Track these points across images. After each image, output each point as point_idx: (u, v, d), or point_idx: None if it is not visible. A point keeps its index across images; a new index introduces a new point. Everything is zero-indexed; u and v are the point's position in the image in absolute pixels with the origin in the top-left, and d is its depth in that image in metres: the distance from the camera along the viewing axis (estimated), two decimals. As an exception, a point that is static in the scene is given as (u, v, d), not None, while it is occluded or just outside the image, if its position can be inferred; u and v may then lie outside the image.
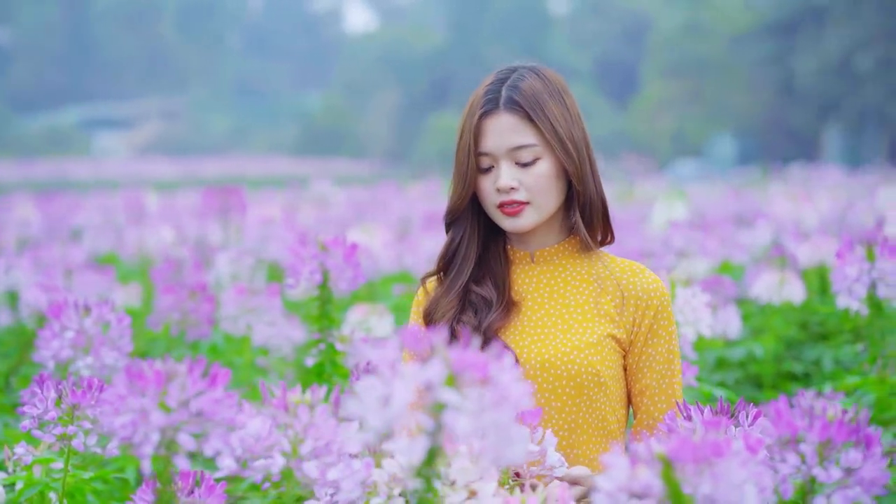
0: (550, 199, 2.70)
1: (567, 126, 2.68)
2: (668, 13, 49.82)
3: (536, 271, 2.78)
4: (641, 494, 1.77)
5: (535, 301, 2.75)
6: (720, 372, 5.38)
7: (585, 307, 2.71)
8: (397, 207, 12.56)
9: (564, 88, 2.74)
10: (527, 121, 2.67)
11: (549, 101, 2.68)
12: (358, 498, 2.17)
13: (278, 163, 45.20)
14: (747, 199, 11.95)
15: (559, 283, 2.75)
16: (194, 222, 9.07)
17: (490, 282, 2.75)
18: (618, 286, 2.72)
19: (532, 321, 2.72)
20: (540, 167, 2.67)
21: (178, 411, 1.89)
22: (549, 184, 2.68)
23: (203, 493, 2.26)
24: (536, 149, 2.67)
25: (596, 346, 2.66)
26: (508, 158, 2.68)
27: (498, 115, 2.68)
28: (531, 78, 2.71)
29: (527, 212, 2.69)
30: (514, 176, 2.67)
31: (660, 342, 2.71)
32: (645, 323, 2.70)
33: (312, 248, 3.57)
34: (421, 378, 1.70)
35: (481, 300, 2.72)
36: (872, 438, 1.93)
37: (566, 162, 2.67)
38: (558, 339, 2.68)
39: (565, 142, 2.67)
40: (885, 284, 3.80)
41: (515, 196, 2.68)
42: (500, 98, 2.69)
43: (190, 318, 4.81)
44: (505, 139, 2.67)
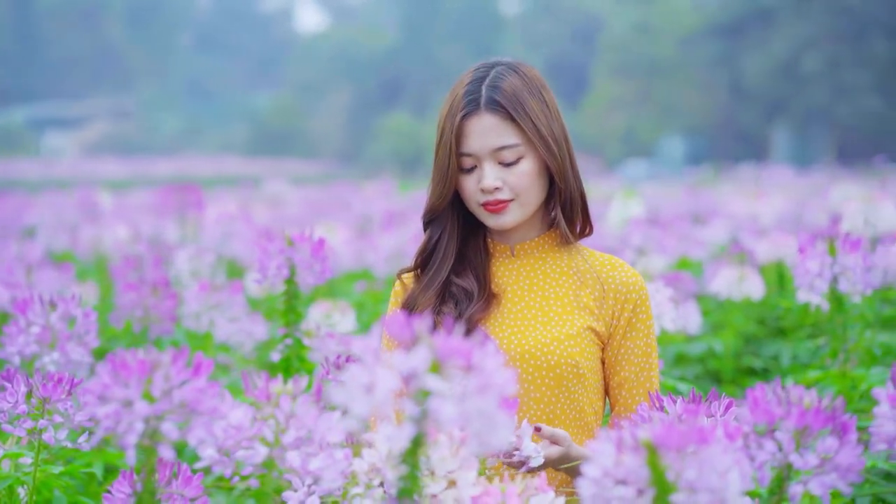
0: (534, 196, 2.72)
1: (548, 123, 2.70)
2: (618, 14, 50.06)
3: (516, 264, 2.79)
4: (626, 480, 1.79)
5: (515, 293, 2.76)
6: (680, 367, 5.42)
7: (565, 300, 2.73)
8: (356, 206, 12.57)
9: (543, 84, 2.75)
10: (509, 121, 2.67)
11: (530, 98, 2.69)
12: (337, 488, 2.18)
13: (229, 163, 45.01)
14: (702, 197, 12.06)
15: (539, 275, 2.77)
16: (149, 220, 9.03)
17: (471, 274, 2.77)
18: (597, 279, 2.74)
19: (512, 313, 2.74)
20: (523, 166, 2.68)
21: (162, 401, 1.89)
22: (533, 181, 2.70)
23: (180, 483, 2.26)
24: (519, 148, 2.67)
25: (575, 337, 2.68)
26: (492, 159, 2.68)
27: (479, 115, 2.68)
28: (510, 76, 2.71)
29: (511, 209, 2.71)
30: (498, 176, 2.68)
31: (638, 336, 2.74)
32: (624, 316, 2.72)
33: (279, 244, 3.56)
34: (406, 365, 1.70)
35: (462, 292, 2.74)
36: (848, 426, 1.95)
37: (549, 159, 2.68)
38: (538, 331, 2.70)
39: (547, 139, 2.68)
40: (846, 279, 3.85)
41: (499, 195, 2.69)
42: (480, 98, 2.68)
43: (152, 315, 4.79)
44: (488, 140, 2.67)
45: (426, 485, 2.03)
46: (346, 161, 49.75)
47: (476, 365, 1.72)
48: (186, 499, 2.26)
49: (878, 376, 3.85)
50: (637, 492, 1.79)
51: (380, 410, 1.71)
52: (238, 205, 12.20)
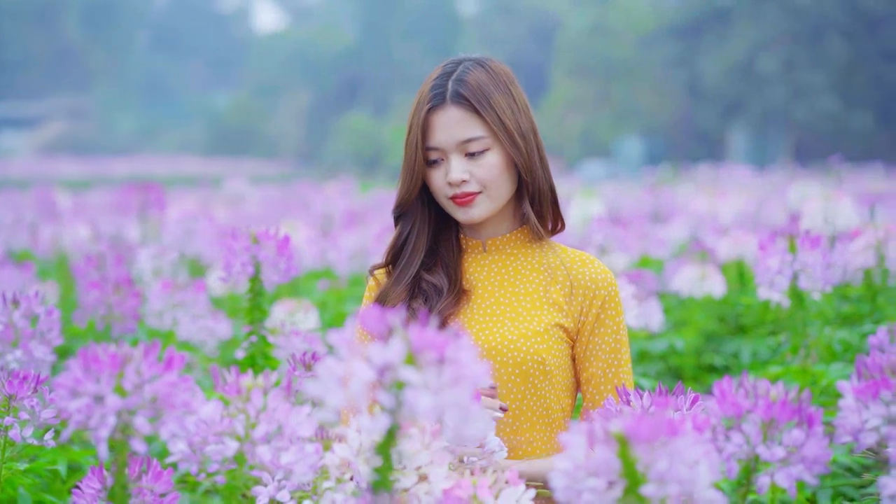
0: (502, 189, 2.73)
1: (514, 117, 2.71)
2: (574, 14, 50.21)
3: (488, 260, 2.81)
4: (598, 472, 1.81)
5: (485, 289, 2.78)
6: (642, 364, 5.45)
7: (534, 295, 2.75)
8: (317, 205, 12.55)
9: (511, 79, 2.77)
10: (474, 113, 2.69)
11: (496, 92, 2.71)
12: (307, 483, 2.19)
13: (188, 162, 44.82)
14: (661, 196, 12.12)
15: (510, 271, 2.79)
16: (109, 219, 8.99)
17: (441, 270, 2.78)
18: (567, 276, 2.76)
19: (481, 309, 2.75)
20: (490, 158, 2.70)
21: (134, 395, 1.89)
22: (500, 174, 2.71)
23: (150, 478, 2.26)
24: (485, 140, 2.69)
25: (542, 334, 2.70)
26: (458, 151, 2.70)
27: (445, 109, 2.70)
28: (477, 70, 2.73)
29: (479, 201, 2.72)
30: (465, 168, 2.70)
31: (606, 332, 2.75)
32: (592, 312, 2.74)
33: (245, 241, 3.56)
34: (381, 357, 1.72)
35: (432, 287, 2.75)
36: (814, 417, 1.98)
37: (514, 153, 2.70)
38: (505, 327, 2.71)
39: (512, 133, 2.70)
40: (806, 276, 3.89)
41: (467, 188, 2.71)
42: (446, 92, 2.71)
43: (115, 314, 4.77)
44: (453, 133, 2.70)
45: (397, 479, 2.04)
46: (305, 161, 49.64)
47: (450, 357, 1.74)
48: (156, 494, 2.26)
49: (838, 372, 3.89)
50: (608, 484, 1.80)
51: (354, 402, 1.72)
52: (198, 204, 12.16)
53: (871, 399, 2.02)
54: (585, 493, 1.82)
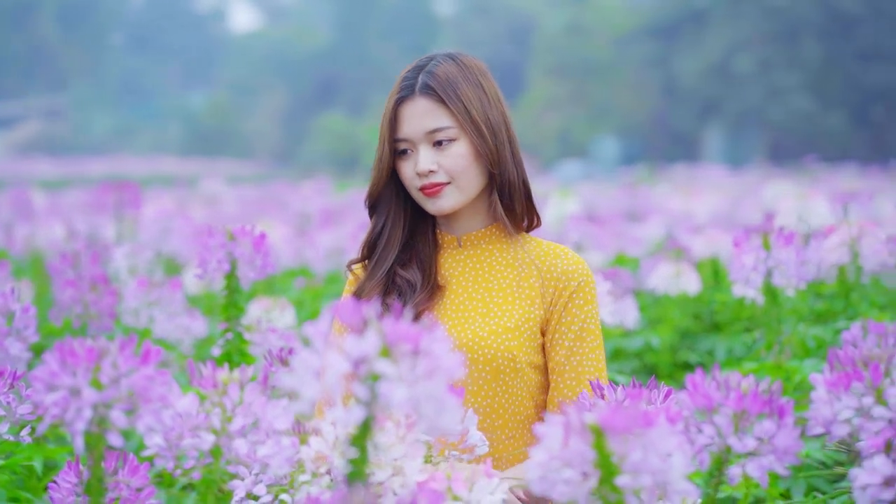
0: (471, 180, 2.75)
1: (482, 109, 2.73)
2: (550, 15, 50.28)
3: (463, 255, 2.82)
4: (572, 463, 1.82)
5: (459, 285, 2.79)
6: (618, 362, 5.47)
7: (507, 291, 2.75)
8: (294, 204, 12.56)
9: (483, 73, 2.79)
10: (441, 104, 2.72)
11: (464, 84, 2.73)
12: (284, 476, 2.20)
13: (164, 162, 44.68)
14: (637, 195, 12.17)
15: (484, 267, 2.80)
16: (85, 219, 8.96)
17: (416, 265, 2.79)
18: (540, 269, 2.76)
19: (455, 304, 2.76)
20: (457, 148, 2.72)
21: (110, 388, 1.89)
22: (468, 164, 2.73)
23: (126, 473, 2.26)
24: (452, 131, 2.72)
25: (513, 330, 2.70)
26: (426, 142, 2.73)
27: (414, 100, 2.74)
28: (447, 63, 2.76)
29: (447, 192, 2.74)
30: (433, 159, 2.72)
31: (572, 320, 2.74)
32: (561, 301, 2.74)
33: (220, 238, 3.56)
34: (356, 350, 1.73)
35: (406, 283, 2.77)
36: (785, 409, 2.00)
37: (480, 144, 2.72)
38: (477, 324, 2.72)
39: (479, 123, 2.71)
40: (780, 273, 3.92)
41: (434, 178, 2.73)
42: (416, 84, 2.74)
43: (91, 312, 4.76)
44: (421, 123, 2.73)
45: (373, 472, 2.05)
46: (282, 161, 49.57)
47: (425, 349, 1.75)
48: (133, 488, 2.27)
49: (811, 367, 3.92)
50: (583, 474, 1.82)
51: (329, 394, 1.73)
52: (174, 204, 12.13)
53: (843, 391, 2.05)
54: (560, 483, 1.83)
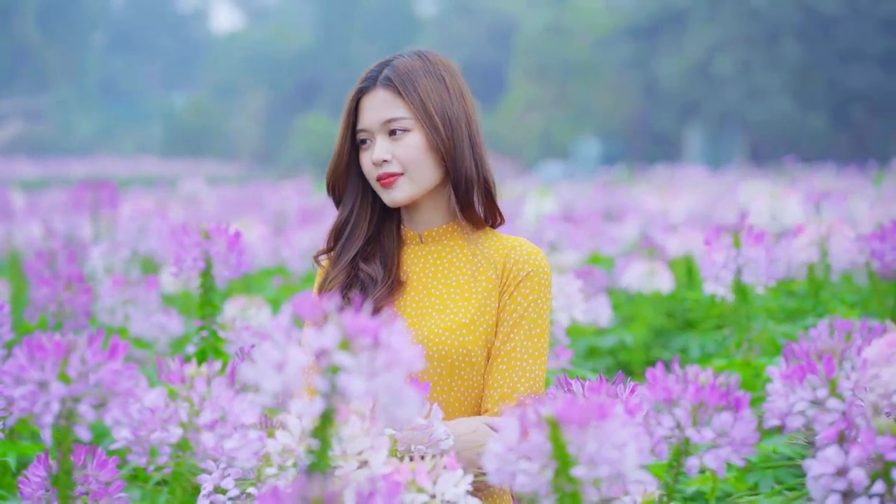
0: (423, 172, 2.77)
1: (440, 102, 2.77)
2: (531, 16, 50.34)
3: (424, 251, 2.85)
4: (529, 455, 1.86)
5: (419, 281, 2.82)
6: (591, 360, 5.52)
7: (464, 286, 2.78)
8: (272, 203, 12.58)
9: (449, 70, 2.83)
10: (397, 95, 2.76)
11: (424, 77, 2.77)
12: (251, 469, 2.23)
13: (145, 163, 44.60)
14: (615, 195, 12.22)
15: (444, 263, 2.83)
16: (63, 219, 8.97)
17: (379, 260, 2.83)
18: (496, 262, 2.78)
19: (413, 301, 2.79)
20: (410, 139, 2.75)
21: (78, 382, 1.92)
22: (421, 156, 2.76)
23: (95, 467, 2.29)
24: (406, 121, 2.75)
25: (468, 325, 2.72)
26: (382, 132, 2.77)
27: (374, 91, 2.78)
28: (412, 58, 2.81)
29: (401, 183, 2.77)
30: (387, 149, 2.76)
31: (514, 307, 2.74)
32: (508, 290, 2.75)
33: (195, 237, 3.59)
34: (316, 343, 1.76)
35: (368, 278, 2.80)
36: (742, 402, 2.04)
37: (434, 136, 2.75)
38: (432, 320, 2.75)
39: (433, 116, 2.75)
40: (749, 271, 3.97)
41: (388, 168, 2.76)
42: (378, 77, 2.79)
43: (66, 310, 4.77)
44: (377, 113, 2.77)
45: (338, 465, 2.08)
46: (264, 161, 49.52)
47: (384, 342, 1.79)
48: (101, 482, 2.30)
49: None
50: (539, 466, 1.86)
51: (290, 387, 1.77)
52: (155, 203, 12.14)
53: (798, 383, 2.09)
54: (520, 475, 1.87)
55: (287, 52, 58.12)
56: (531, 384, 2.70)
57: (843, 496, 1.91)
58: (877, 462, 1.89)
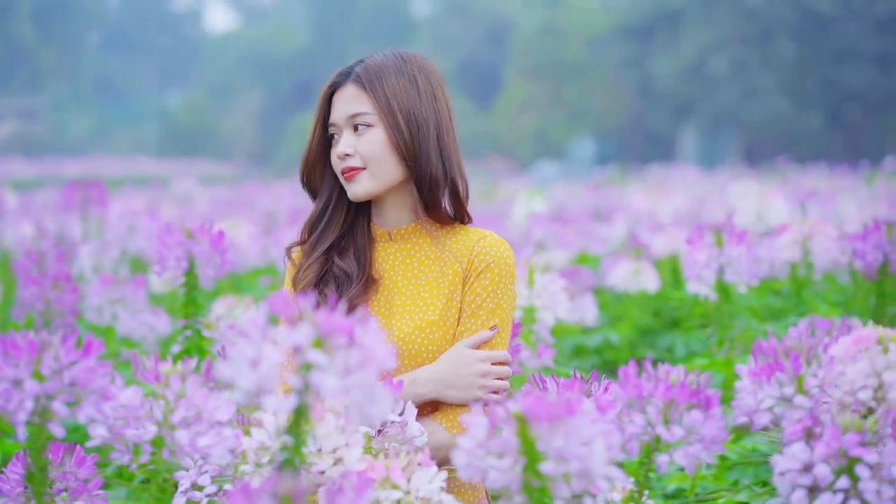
0: (384, 168, 2.79)
1: (407, 101, 2.79)
2: (526, 15, 50.35)
3: (394, 249, 2.87)
4: (498, 451, 1.88)
5: (390, 279, 2.84)
6: (577, 358, 5.54)
7: (432, 284, 2.80)
8: (263, 203, 12.59)
9: (424, 72, 2.85)
10: (364, 91, 2.79)
11: (394, 76, 2.80)
12: (228, 466, 2.24)
13: (140, 163, 44.57)
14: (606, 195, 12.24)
15: (413, 261, 2.85)
16: (54, 218, 8.99)
17: (352, 255, 2.85)
18: (460, 256, 2.81)
19: (384, 299, 2.82)
20: (373, 135, 2.78)
21: (52, 380, 1.94)
22: (381, 151, 2.78)
23: (73, 464, 2.31)
24: (370, 117, 2.78)
25: (437, 323, 2.75)
26: (348, 127, 2.81)
27: (345, 87, 2.82)
28: (386, 58, 2.84)
29: (362, 177, 2.79)
30: (351, 143, 2.79)
31: (473, 297, 2.77)
32: (469, 279, 2.78)
33: (178, 236, 3.61)
34: (290, 340, 1.78)
35: (342, 273, 2.82)
36: (712, 400, 2.06)
37: (395, 134, 2.76)
38: (403, 320, 2.77)
39: (396, 113, 2.77)
40: (731, 270, 4.00)
41: (351, 162, 2.79)
42: (350, 73, 2.83)
43: (53, 309, 4.79)
44: (344, 108, 2.80)
45: (314, 462, 2.10)
46: (259, 161, 49.50)
47: (357, 340, 1.81)
48: (80, 479, 2.31)
49: (762, 363, 3.98)
50: (509, 462, 1.88)
51: (265, 384, 1.78)
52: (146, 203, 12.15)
53: (766, 381, 2.11)
54: (492, 471, 1.89)
55: (283, 53, 58.12)
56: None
57: (808, 492, 1.93)
58: (841, 458, 1.91)
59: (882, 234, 4.23)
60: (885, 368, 2.05)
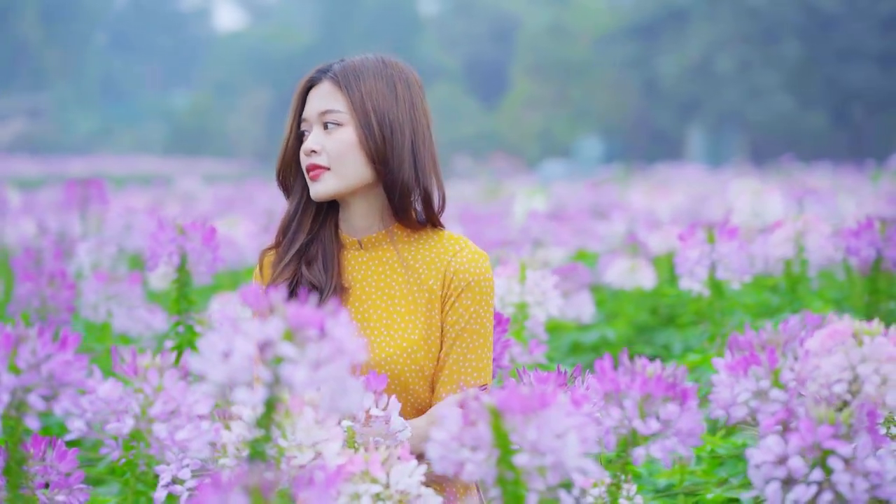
0: (349, 168, 2.74)
1: (383, 104, 2.76)
2: (532, 14, 50.33)
3: (365, 258, 2.81)
4: (472, 444, 1.88)
5: (362, 290, 2.79)
6: (574, 356, 5.54)
7: (408, 298, 2.76)
8: (263, 201, 12.59)
9: (405, 78, 2.81)
10: (338, 89, 2.77)
11: (372, 78, 2.77)
12: (208, 459, 2.25)
13: (146, 162, 44.56)
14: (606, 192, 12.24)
15: (386, 272, 2.80)
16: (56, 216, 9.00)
17: (321, 263, 2.79)
18: (438, 268, 2.77)
19: (360, 313, 2.77)
20: (341, 133, 2.75)
21: (29, 373, 1.95)
22: (347, 151, 2.74)
23: (55, 458, 2.31)
24: (341, 115, 2.75)
25: (418, 342, 2.72)
26: (318, 123, 2.78)
27: (321, 84, 2.81)
28: (366, 59, 2.82)
29: (325, 177, 2.75)
30: (319, 140, 2.76)
31: (456, 319, 2.74)
32: (450, 300, 2.74)
33: (171, 232, 3.61)
34: (260, 333, 1.79)
35: (310, 285, 2.75)
36: (688, 393, 2.06)
37: (366, 135, 2.73)
38: (383, 339, 2.73)
39: (370, 115, 2.74)
40: (723, 266, 4.01)
41: (316, 160, 2.76)
42: (328, 70, 2.82)
43: (49, 306, 4.81)
44: (317, 104, 2.79)
45: (294, 455, 2.11)
46: (264, 160, 49.49)
47: (327, 333, 1.81)
48: (61, 473, 2.32)
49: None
50: (483, 454, 1.88)
51: (236, 377, 1.79)
52: (149, 202, 12.17)
53: (742, 374, 2.12)
54: (468, 463, 1.90)
55: (288, 51, 58.10)
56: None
57: (782, 484, 1.94)
58: (816, 451, 1.92)
59: (875, 231, 4.24)
60: (859, 362, 2.05)
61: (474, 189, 19.50)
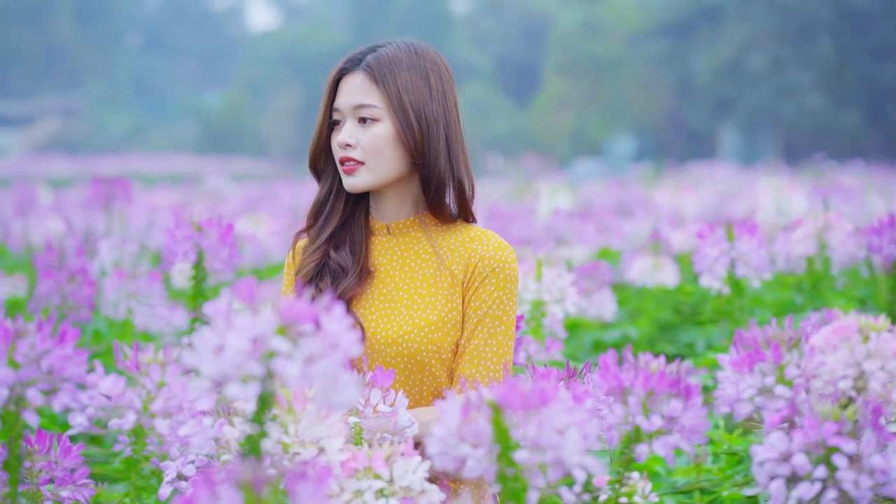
0: (386, 164, 2.76)
1: (418, 97, 2.76)
2: (565, 12, 50.21)
3: (392, 243, 2.84)
4: (472, 439, 1.87)
5: (387, 273, 2.82)
6: (596, 354, 5.51)
7: (431, 281, 2.78)
8: (289, 199, 12.59)
9: (436, 67, 2.81)
10: (374, 83, 2.75)
11: (406, 70, 2.76)
12: (212, 456, 2.25)
13: (178, 161, 44.72)
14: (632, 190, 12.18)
15: (412, 256, 2.82)
16: (83, 214, 9.04)
17: (348, 247, 2.83)
18: (462, 256, 2.78)
19: (382, 294, 2.80)
20: (378, 129, 2.75)
21: (28, 367, 1.95)
22: (385, 147, 2.75)
23: (59, 454, 2.31)
24: (377, 110, 2.75)
25: (437, 322, 2.73)
26: (353, 116, 2.77)
27: (354, 74, 2.78)
28: (399, 49, 2.80)
29: (360, 172, 2.77)
30: (354, 134, 2.76)
31: (479, 304, 2.75)
32: (473, 286, 2.76)
33: (187, 229, 3.61)
34: (253, 328, 1.77)
35: (338, 266, 2.80)
36: (692, 389, 2.04)
37: (402, 130, 2.73)
38: (402, 317, 2.75)
39: (407, 109, 2.74)
40: (743, 264, 3.98)
41: (351, 153, 2.76)
42: (362, 60, 2.79)
43: (70, 303, 4.82)
44: (351, 97, 2.77)
45: (298, 451, 2.10)
46: (297, 159, 49.60)
47: (321, 327, 1.80)
48: (66, 469, 2.32)
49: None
50: (482, 450, 1.87)
51: (229, 372, 1.78)
52: (177, 200, 12.19)
53: (748, 371, 2.09)
54: (470, 460, 1.88)
55: (320, 50, 58.16)
56: (494, 380, 2.71)
57: (786, 481, 1.91)
58: (820, 448, 1.89)
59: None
60: (865, 358, 2.03)
61: (505, 188, 19.46)
